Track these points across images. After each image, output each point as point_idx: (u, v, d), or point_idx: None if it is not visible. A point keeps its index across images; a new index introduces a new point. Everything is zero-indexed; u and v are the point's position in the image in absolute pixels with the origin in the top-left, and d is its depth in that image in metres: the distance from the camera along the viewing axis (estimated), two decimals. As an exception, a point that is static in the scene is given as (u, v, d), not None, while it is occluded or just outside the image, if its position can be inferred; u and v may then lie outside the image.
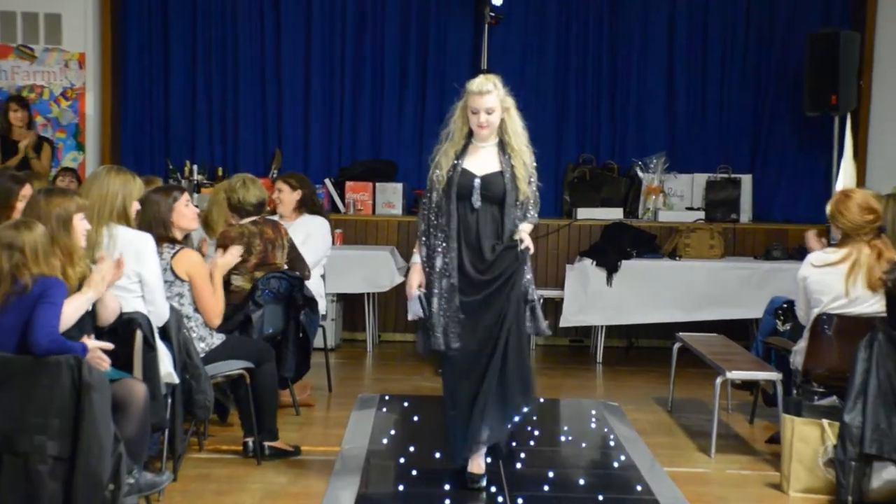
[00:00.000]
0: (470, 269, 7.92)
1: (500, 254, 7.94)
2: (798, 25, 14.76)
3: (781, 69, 14.96)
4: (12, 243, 6.55)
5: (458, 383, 8.10)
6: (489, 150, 8.08)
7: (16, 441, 6.22)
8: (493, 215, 7.98)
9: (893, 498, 8.00)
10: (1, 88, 14.73)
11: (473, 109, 7.94)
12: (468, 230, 7.96)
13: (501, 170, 8.00)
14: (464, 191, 7.94)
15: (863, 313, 8.58)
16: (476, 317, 7.95)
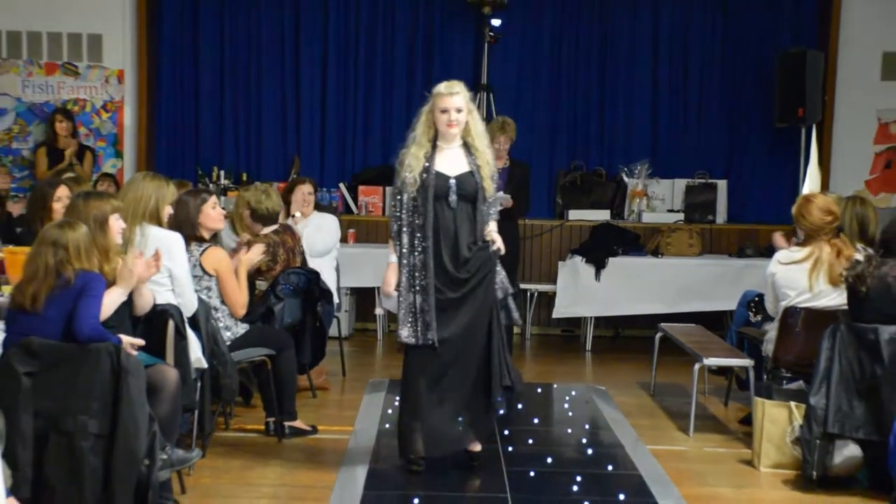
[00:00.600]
0: (449, 266, 7.81)
1: (476, 252, 7.85)
2: (768, 46, 14.76)
3: (754, 85, 14.95)
4: (57, 241, 6.57)
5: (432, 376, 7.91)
6: (456, 151, 7.97)
7: (61, 420, 6.24)
8: (468, 213, 7.87)
9: (853, 472, 8.04)
10: (48, 102, 14.77)
11: (443, 109, 7.82)
12: (446, 228, 7.83)
13: (471, 169, 7.90)
14: (440, 191, 7.81)
15: (826, 306, 8.60)
16: (454, 312, 7.83)
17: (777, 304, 9.00)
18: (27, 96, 14.88)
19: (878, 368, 7.79)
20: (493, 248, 7.88)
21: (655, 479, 8.18)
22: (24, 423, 6.21)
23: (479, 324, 7.88)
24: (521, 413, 9.95)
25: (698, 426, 9.71)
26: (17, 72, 14.84)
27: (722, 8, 15.05)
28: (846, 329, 7.94)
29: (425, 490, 7.77)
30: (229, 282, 8.90)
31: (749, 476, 8.51)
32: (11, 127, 14.82)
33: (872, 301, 7.85)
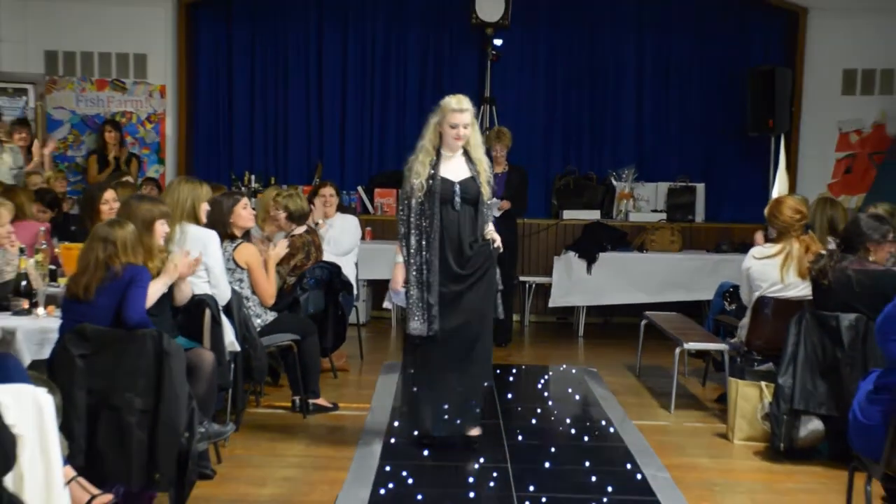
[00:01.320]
0: (452, 263, 7.82)
1: (477, 250, 7.88)
2: (741, 63, 14.74)
3: (728, 98, 14.93)
4: (107, 237, 6.59)
5: (438, 362, 7.93)
6: (458, 159, 7.97)
7: (110, 397, 6.26)
8: (470, 214, 7.88)
9: (816, 444, 8.05)
10: (99, 114, 14.81)
11: (453, 124, 7.84)
12: (451, 229, 7.82)
13: (472, 175, 7.92)
14: (446, 195, 7.82)
15: (794, 296, 8.60)
16: (456, 305, 7.83)
17: (751, 294, 8.99)
18: (80, 109, 14.92)
19: (839, 352, 7.80)
20: (494, 245, 7.91)
21: (640, 451, 8.19)
22: (78, 400, 6.23)
23: (479, 314, 7.90)
24: (519, 391, 9.96)
25: (679, 403, 9.72)
26: (72, 88, 14.90)
27: (700, 29, 15.05)
28: (811, 317, 7.95)
29: (434, 461, 7.80)
30: (259, 274, 8.93)
31: (724, 448, 8.53)
32: (67, 137, 14.88)
33: (834, 292, 7.86)
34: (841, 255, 7.99)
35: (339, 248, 10.87)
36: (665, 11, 15.11)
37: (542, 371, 11.34)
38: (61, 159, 14.53)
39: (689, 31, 15.10)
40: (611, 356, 12.18)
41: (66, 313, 6.61)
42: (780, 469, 7.94)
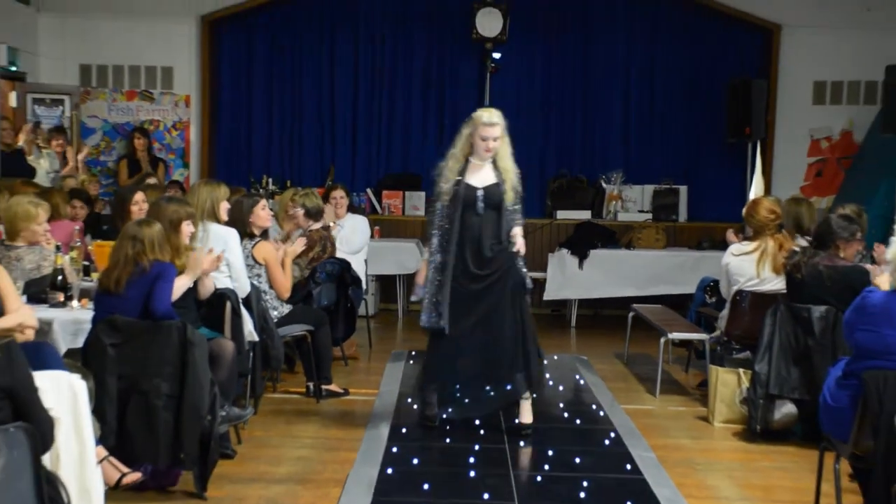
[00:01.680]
0: (471, 264, 7.74)
1: (497, 253, 7.79)
2: (721, 75, 14.70)
3: (709, 107, 14.89)
4: (136, 235, 6.61)
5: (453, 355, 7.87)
6: (486, 167, 7.82)
7: (139, 382, 6.27)
8: (493, 218, 7.77)
9: (790, 426, 8.07)
10: (128, 122, 14.82)
11: (483, 137, 7.69)
12: (472, 232, 7.73)
13: (498, 181, 7.79)
14: (469, 201, 7.70)
15: (769, 290, 8.61)
16: (473, 302, 7.76)
17: (729, 288, 9.00)
18: (112, 118, 14.93)
19: (811, 340, 7.81)
20: (515, 248, 7.83)
21: (628, 433, 8.19)
22: (109, 385, 6.25)
23: (497, 313, 7.78)
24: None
25: (663, 389, 9.73)
26: (104, 98, 14.91)
27: (682, 44, 15.04)
28: (785, 308, 7.97)
29: (438, 442, 7.80)
30: (276, 270, 8.95)
31: (705, 430, 8.54)
32: (99, 143, 14.89)
33: (806, 286, 7.87)
34: (813, 251, 8.01)
35: (350, 246, 10.90)
36: (651, 28, 15.12)
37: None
38: (94, 164, 14.55)
39: (672, 45, 15.10)
40: (601, 345, 12.18)
41: (98, 306, 6.63)
42: (757, 449, 7.95)
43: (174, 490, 6.54)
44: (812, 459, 6.27)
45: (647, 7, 15.06)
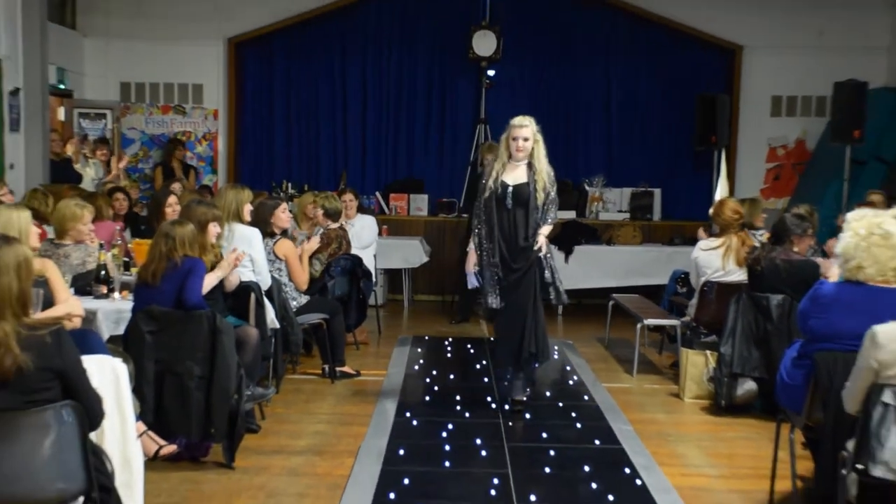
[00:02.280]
0: (506, 255, 7.82)
1: (526, 248, 7.80)
2: (690, 90, 14.67)
3: (680, 118, 14.88)
4: (168, 233, 6.64)
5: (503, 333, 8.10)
6: (521, 167, 7.90)
7: (174, 365, 6.29)
8: (522, 214, 7.82)
9: (751, 401, 8.10)
10: (163, 133, 14.86)
11: (514, 137, 7.89)
12: (505, 224, 7.83)
13: (528, 181, 7.84)
14: (501, 197, 7.80)
15: (733, 281, 8.63)
16: (511, 288, 7.82)
17: (698, 279, 9.03)
18: (149, 130, 14.95)
19: (769, 325, 7.84)
20: (536, 247, 7.80)
21: (608, 408, 8.25)
22: (147, 368, 6.27)
23: (522, 302, 7.86)
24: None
25: (640, 369, 9.76)
26: (142, 112, 14.93)
27: (656, 63, 15.03)
28: (746, 297, 7.99)
29: (437, 417, 7.82)
30: (294, 265, 8.97)
31: (676, 405, 8.59)
32: (137, 152, 14.91)
33: (765, 277, 7.89)
34: (770, 246, 8.04)
35: (360, 242, 10.92)
36: (629, 48, 15.10)
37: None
38: (133, 171, 14.57)
39: (647, 63, 15.10)
40: (584, 331, 12.18)
41: (137, 297, 6.65)
42: (722, 421, 7.99)
43: (205, 461, 6.57)
44: (770, 430, 6.29)
45: (624, 29, 15.06)
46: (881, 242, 5.31)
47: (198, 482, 6.23)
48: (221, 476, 6.35)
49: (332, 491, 6.07)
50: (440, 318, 12.74)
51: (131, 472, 4.89)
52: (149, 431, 6.18)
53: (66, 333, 4.20)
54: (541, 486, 6.23)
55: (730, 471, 6.76)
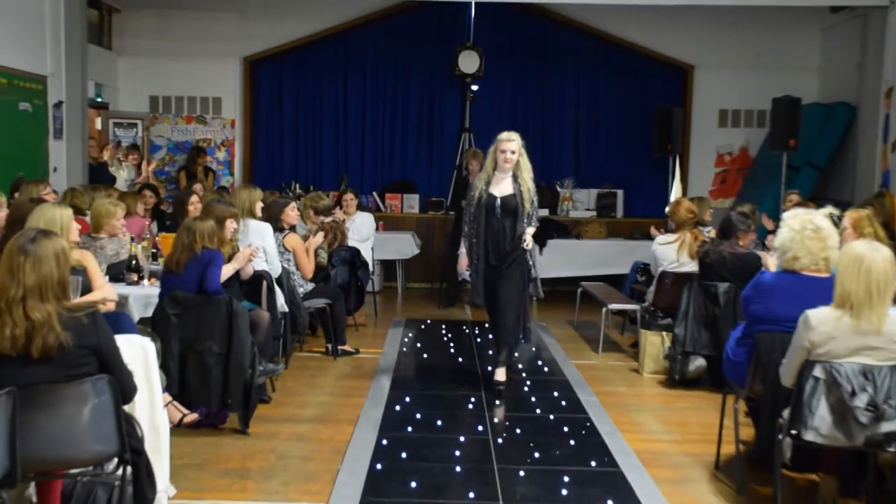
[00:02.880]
0: (492, 257, 7.72)
1: (511, 248, 7.69)
2: (649, 104, 14.70)
3: (640, 128, 14.89)
4: (190, 227, 6.65)
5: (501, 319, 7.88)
6: (507, 180, 7.77)
7: (195, 344, 6.30)
8: (510, 222, 7.69)
9: (701, 375, 8.15)
10: (187, 140, 14.82)
11: (502, 150, 7.75)
12: (493, 231, 7.70)
13: (514, 193, 7.72)
14: (490, 207, 7.69)
15: (686, 271, 8.63)
16: (496, 284, 7.73)
17: (656, 269, 9.06)
18: (174, 137, 14.92)
19: (717, 310, 7.87)
20: (524, 244, 7.68)
21: (577, 382, 8.29)
22: (172, 346, 6.29)
23: (510, 293, 7.75)
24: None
25: (604, 348, 9.79)
26: (168, 122, 14.90)
27: (619, 79, 15.02)
28: (697, 285, 8.03)
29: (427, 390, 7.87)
30: (301, 256, 8.97)
31: (636, 379, 8.62)
32: (164, 157, 14.87)
33: (714, 268, 7.92)
34: (718, 241, 8.08)
35: (360, 236, 10.93)
36: (595, 66, 15.09)
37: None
38: (160, 173, 14.51)
39: (611, 80, 15.08)
40: (556, 314, 12.20)
41: (163, 284, 6.66)
42: (676, 393, 8.04)
43: (223, 427, 6.59)
44: (717, 401, 6.31)
45: (592, 50, 15.03)
46: (813, 235, 5.40)
47: (217, 446, 6.24)
48: (237, 441, 6.36)
49: (334, 454, 6.09)
50: (429, 303, 12.74)
51: (159, 437, 4.91)
52: (174, 402, 6.20)
53: (101, 315, 4.21)
54: (518, 449, 6.26)
55: (682, 436, 6.80)
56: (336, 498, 5.30)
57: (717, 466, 6.02)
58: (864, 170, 12.59)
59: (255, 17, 14.62)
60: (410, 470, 5.78)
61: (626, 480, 5.67)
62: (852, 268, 4.67)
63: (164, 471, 4.96)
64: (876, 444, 4.69)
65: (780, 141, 12.60)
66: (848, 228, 7.04)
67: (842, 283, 4.70)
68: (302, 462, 5.98)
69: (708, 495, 5.55)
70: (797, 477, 5.79)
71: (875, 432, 4.62)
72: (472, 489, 5.45)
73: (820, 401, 4.68)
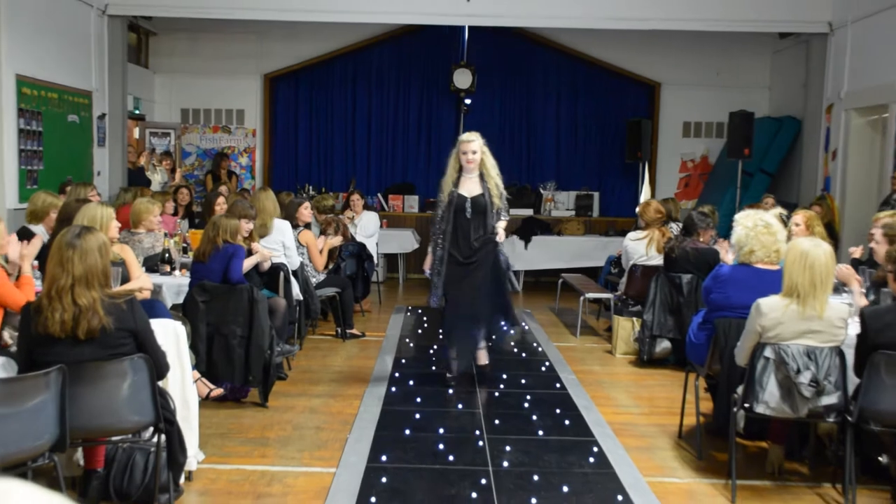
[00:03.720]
0: (459, 255, 7.09)
1: (482, 244, 7.09)
2: (621, 116, 14.76)
3: (613, 137, 14.92)
4: (216, 224, 6.67)
5: (457, 318, 7.22)
6: (474, 179, 7.17)
7: (220, 327, 6.32)
8: (479, 220, 7.09)
9: (667, 356, 8.17)
10: (213, 148, 14.81)
11: (464, 151, 7.17)
12: (464, 231, 7.07)
13: (483, 192, 7.13)
14: (460, 207, 7.09)
15: (654, 264, 8.68)
16: (462, 280, 7.08)
17: (627, 263, 9.09)
18: (202, 145, 14.91)
19: (680, 298, 7.90)
20: (496, 237, 7.09)
21: (557, 362, 8.31)
22: (200, 329, 6.30)
23: (486, 282, 7.11)
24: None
25: (582, 332, 9.81)
26: (197, 131, 14.89)
27: (596, 94, 15.03)
28: (663, 276, 8.05)
29: (426, 369, 7.88)
30: (314, 250, 9.01)
31: (610, 359, 8.63)
32: (193, 162, 14.88)
33: (678, 261, 7.95)
34: (682, 238, 8.10)
35: (366, 232, 10.94)
36: (574, 82, 15.08)
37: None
38: (190, 177, 14.52)
39: (588, 95, 15.08)
40: (539, 302, 12.23)
41: (192, 274, 6.67)
42: (644, 372, 8.07)
43: (245, 401, 6.62)
44: (680, 378, 6.35)
45: (570, 69, 15.03)
46: (764, 231, 5.47)
47: (239, 417, 6.27)
48: (258, 413, 6.39)
49: (343, 425, 6.12)
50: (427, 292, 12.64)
51: (189, 409, 4.93)
52: (202, 378, 6.22)
53: (137, 302, 4.24)
54: (505, 420, 6.28)
55: (649, 409, 6.83)
56: (344, 463, 5.33)
57: (680, 436, 6.05)
58: (808, 176, 12.69)
59: (274, 39, 14.63)
60: (410, 439, 5.81)
61: (601, 448, 5.70)
62: (799, 262, 4.71)
63: (194, 439, 4.98)
64: (817, 415, 4.76)
65: (736, 150, 12.65)
66: (801, 225, 7.11)
67: (789, 275, 4.74)
68: (314, 432, 6.00)
69: (672, 461, 5.58)
70: (749, 444, 5.84)
71: (816, 405, 4.68)
72: (465, 456, 5.48)
73: (769, 378, 4.72)
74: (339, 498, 4.75)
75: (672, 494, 4.98)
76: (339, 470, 5.21)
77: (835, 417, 4.75)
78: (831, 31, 12.17)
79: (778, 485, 5.15)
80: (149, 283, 6.05)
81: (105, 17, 12.00)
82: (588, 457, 5.53)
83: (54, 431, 3.89)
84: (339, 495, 4.79)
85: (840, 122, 11.77)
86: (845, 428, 4.74)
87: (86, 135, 11.55)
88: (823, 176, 12.21)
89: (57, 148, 10.66)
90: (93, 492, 4.49)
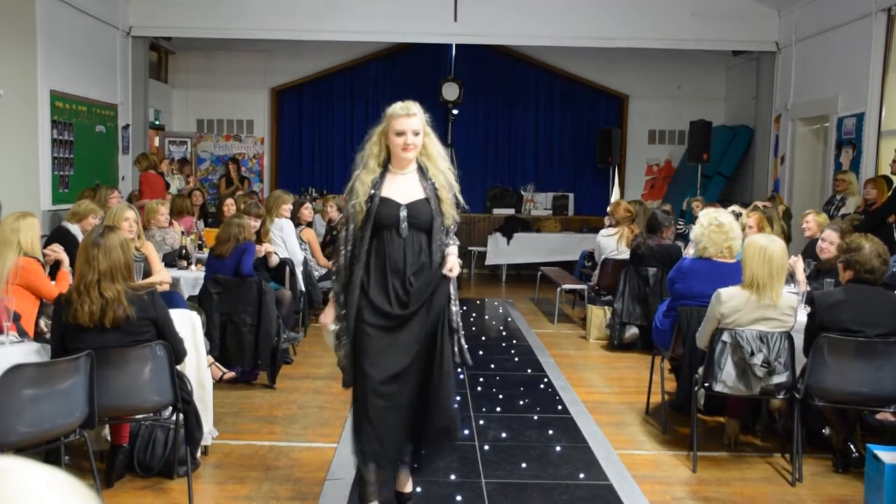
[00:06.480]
0: (383, 303, 3.68)
1: (421, 282, 3.67)
2: (594, 125, 14.73)
3: (587, 144, 14.91)
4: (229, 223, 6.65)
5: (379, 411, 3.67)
6: (410, 176, 3.84)
7: (233, 316, 6.30)
8: (421, 242, 3.73)
9: (635, 341, 8.16)
10: (226, 154, 14.75)
11: (399, 131, 3.87)
12: (393, 259, 3.70)
13: (426, 196, 3.77)
14: (389, 220, 3.72)
15: (623, 258, 8.66)
16: (387, 348, 3.68)
17: (600, 257, 9.10)
18: (216, 151, 14.85)
19: (647, 289, 7.92)
20: (445, 271, 3.68)
21: (537, 347, 8.32)
22: (214, 318, 6.28)
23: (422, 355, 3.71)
24: (468, 313, 10.00)
25: (559, 319, 9.82)
26: (211, 140, 14.83)
27: (571, 106, 15.01)
28: (632, 269, 8.05)
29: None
30: (316, 247, 8.99)
31: (584, 344, 8.64)
32: (208, 168, 14.83)
33: (644, 256, 7.97)
34: (648, 235, 8.12)
35: (364, 231, 10.93)
36: (551, 94, 15.04)
37: (480, 302, 11.38)
38: (205, 181, 14.48)
39: (564, 106, 15.07)
40: (520, 293, 12.22)
41: (207, 269, 6.66)
42: (615, 356, 8.06)
43: (255, 383, 6.61)
44: (647, 361, 6.37)
45: (548, 82, 15.00)
46: (716, 230, 5.53)
47: (250, 397, 6.26)
48: (266, 393, 6.39)
49: (343, 405, 6.10)
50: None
51: (204, 391, 4.94)
52: (215, 363, 6.22)
53: (157, 293, 4.24)
54: (489, 401, 6.29)
55: (620, 389, 6.84)
56: (345, 439, 5.31)
57: (647, 412, 6.06)
58: (759, 178, 12.79)
59: (280, 57, 14.57)
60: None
61: (576, 424, 5.72)
62: (758, 256, 4.74)
63: (209, 417, 4.99)
64: (768, 392, 4.79)
65: (696, 155, 12.70)
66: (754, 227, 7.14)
67: (749, 267, 4.76)
68: (318, 411, 6.00)
69: (640, 435, 5.60)
70: (709, 419, 5.86)
71: (768, 384, 4.71)
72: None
73: (727, 359, 4.74)
74: (340, 470, 4.77)
75: (640, 465, 4.99)
76: (340, 445, 5.21)
77: (784, 394, 4.79)
78: (778, 49, 12.27)
79: (734, 455, 5.17)
80: (168, 277, 6.05)
81: (129, 38, 12.05)
82: (565, 432, 5.54)
83: (84, 410, 3.89)
84: (340, 468, 4.81)
85: (787, 131, 11.88)
86: (793, 404, 4.77)
87: (111, 143, 11.62)
88: (773, 178, 12.33)
89: (86, 155, 10.75)
90: (118, 464, 4.50)
